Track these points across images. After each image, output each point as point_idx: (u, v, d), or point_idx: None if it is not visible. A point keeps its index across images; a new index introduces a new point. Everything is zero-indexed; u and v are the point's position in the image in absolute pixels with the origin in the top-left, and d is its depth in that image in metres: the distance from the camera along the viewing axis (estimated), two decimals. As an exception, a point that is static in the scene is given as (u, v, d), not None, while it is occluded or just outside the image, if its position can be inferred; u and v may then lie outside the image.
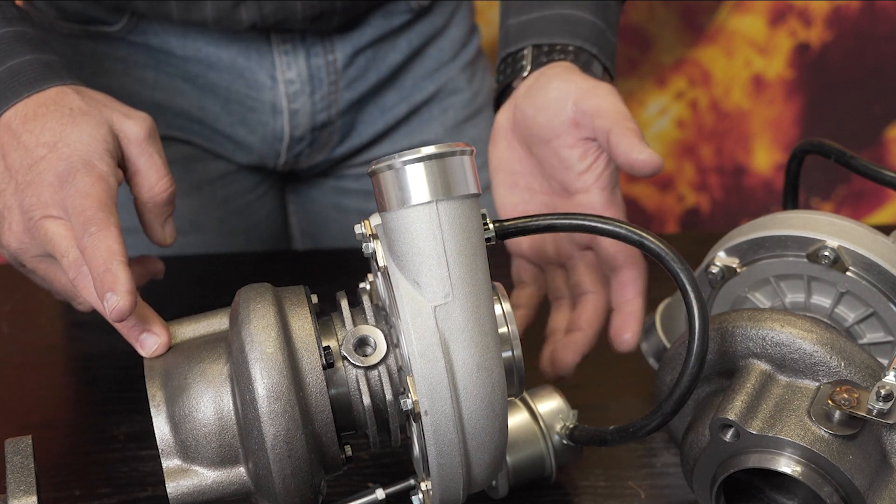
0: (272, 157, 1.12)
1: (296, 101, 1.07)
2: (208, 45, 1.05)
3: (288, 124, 1.08)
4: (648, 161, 0.77)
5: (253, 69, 1.06)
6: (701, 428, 0.70)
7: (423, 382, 0.60)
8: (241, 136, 1.10)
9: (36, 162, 0.74)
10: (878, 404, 0.64)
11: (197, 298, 1.00)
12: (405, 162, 0.61)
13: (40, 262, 0.76)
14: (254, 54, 1.05)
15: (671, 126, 1.83)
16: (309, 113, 1.09)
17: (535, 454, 0.75)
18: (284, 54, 1.05)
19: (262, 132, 1.09)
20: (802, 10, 1.76)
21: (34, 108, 0.76)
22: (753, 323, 0.69)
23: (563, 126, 0.81)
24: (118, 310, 0.67)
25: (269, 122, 1.08)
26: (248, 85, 1.07)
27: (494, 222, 0.66)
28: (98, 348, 0.95)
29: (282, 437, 0.61)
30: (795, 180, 0.87)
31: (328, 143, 1.13)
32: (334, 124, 1.11)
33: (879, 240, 0.73)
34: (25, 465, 0.62)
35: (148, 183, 0.78)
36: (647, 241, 0.65)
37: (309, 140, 1.11)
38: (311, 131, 1.10)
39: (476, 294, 0.61)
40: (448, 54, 1.16)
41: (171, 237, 0.80)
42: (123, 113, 0.78)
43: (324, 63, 1.07)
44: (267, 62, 1.05)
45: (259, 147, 1.11)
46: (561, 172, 0.83)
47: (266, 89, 1.07)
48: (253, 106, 1.08)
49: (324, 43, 1.06)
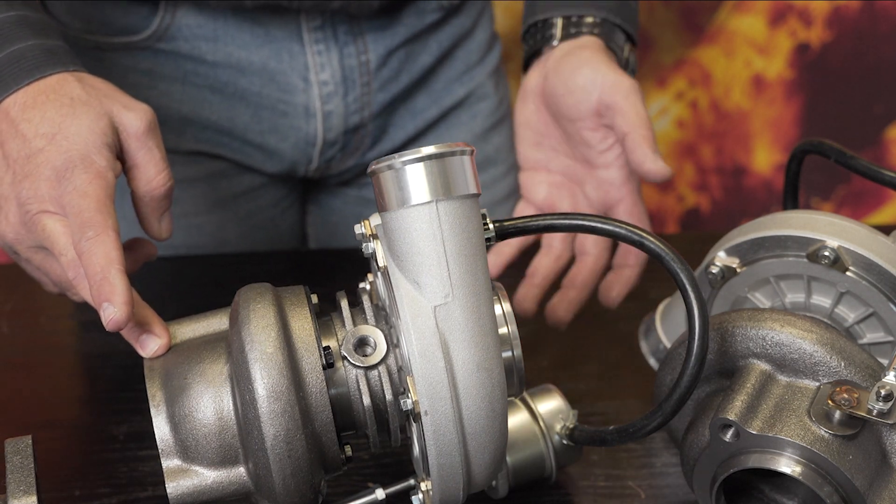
0: (304, 164, 1.12)
1: (329, 102, 1.07)
2: (240, 49, 1.04)
3: (321, 127, 1.08)
4: (658, 172, 0.86)
5: (285, 72, 1.05)
6: (701, 428, 0.70)
7: (423, 382, 0.60)
8: (273, 144, 1.10)
9: (34, 154, 0.73)
10: (878, 404, 0.64)
11: (197, 298, 1.00)
12: (405, 162, 0.60)
13: (35, 252, 0.76)
14: (286, 56, 1.05)
15: (671, 126, 1.83)
16: (342, 115, 1.08)
17: (535, 454, 0.75)
18: (318, 55, 1.05)
19: (294, 138, 1.09)
20: (802, 10, 1.76)
21: (34, 97, 0.75)
22: (753, 323, 0.69)
23: (588, 112, 0.89)
24: (115, 321, 0.66)
25: (301, 127, 1.08)
26: (280, 89, 1.06)
27: (494, 222, 0.66)
28: (98, 348, 0.95)
29: (282, 437, 0.61)
30: (795, 180, 0.87)
31: (360, 147, 1.13)
32: (367, 127, 1.11)
33: (879, 240, 0.73)
34: (25, 465, 0.62)
35: (146, 177, 0.77)
36: (647, 241, 0.65)
37: (341, 144, 1.11)
38: (344, 134, 1.10)
39: (476, 294, 0.61)
40: (475, 57, 1.17)
41: (168, 231, 0.79)
42: (124, 104, 0.77)
43: (357, 64, 1.07)
44: (300, 64, 1.05)
45: (291, 153, 1.10)
46: (583, 148, 0.91)
47: (299, 92, 1.06)
48: (285, 111, 1.07)
49: (356, 43, 1.06)
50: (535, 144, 0.95)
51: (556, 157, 0.94)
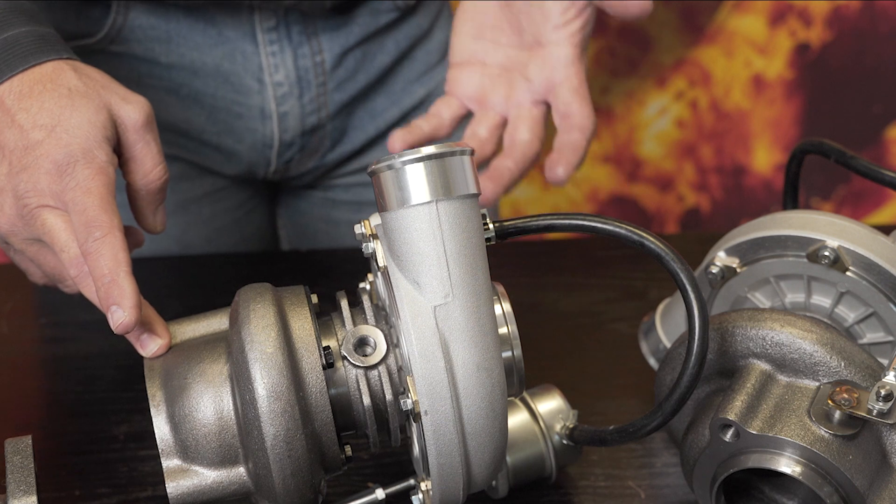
0: (262, 166, 1.11)
1: (284, 103, 1.06)
2: (193, 51, 1.03)
3: (277, 128, 1.07)
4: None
5: (239, 73, 1.04)
6: (701, 428, 0.70)
7: (423, 382, 0.60)
8: (229, 146, 1.09)
9: (32, 146, 0.72)
10: (878, 404, 0.64)
11: (197, 298, 1.00)
12: (405, 162, 0.60)
13: (30, 245, 0.75)
14: (239, 57, 1.04)
15: (671, 126, 1.83)
16: (298, 116, 1.08)
17: (535, 454, 0.75)
18: (272, 56, 1.04)
19: (250, 139, 1.08)
20: (802, 10, 1.76)
21: (30, 85, 0.74)
22: (753, 323, 0.69)
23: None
24: (124, 325, 0.66)
25: (257, 129, 1.07)
26: (234, 90, 1.05)
27: (494, 222, 0.66)
28: (98, 348, 0.95)
29: (282, 437, 0.61)
30: (795, 180, 0.87)
31: (319, 149, 1.12)
32: (325, 128, 1.10)
33: (879, 240, 0.73)
34: (25, 465, 0.62)
35: (143, 170, 0.76)
36: (647, 241, 0.65)
37: (300, 145, 1.10)
38: (302, 135, 1.09)
39: (476, 294, 0.61)
40: (435, 57, 1.16)
41: (162, 224, 0.79)
42: (122, 96, 0.76)
43: (311, 64, 1.06)
44: (254, 65, 1.04)
45: (248, 155, 1.09)
46: (538, 23, 0.90)
47: (254, 93, 1.05)
48: (240, 112, 1.06)
49: (311, 43, 1.05)
50: (475, 37, 0.93)
51: (495, 49, 0.93)
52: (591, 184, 1.85)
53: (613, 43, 1.78)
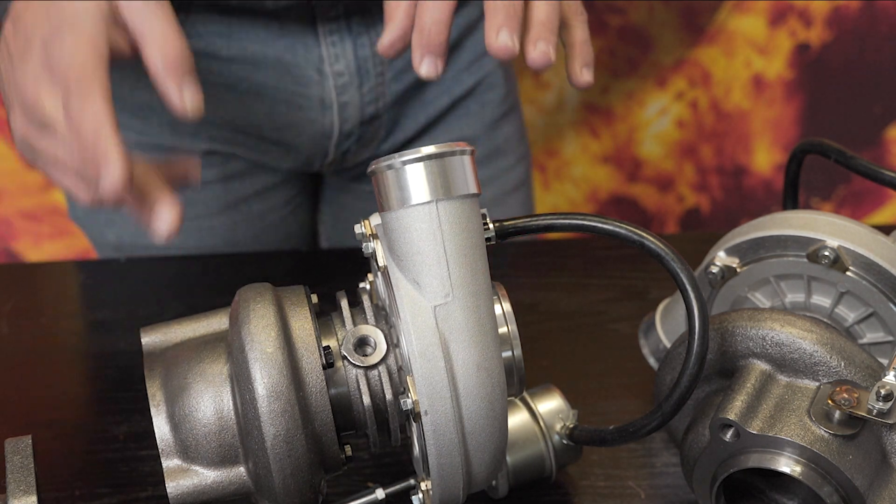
0: (320, 157, 1.12)
1: (344, 94, 1.07)
2: (254, 44, 1.04)
3: (337, 118, 1.08)
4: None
5: (300, 64, 1.05)
6: (701, 428, 0.70)
7: (423, 382, 0.60)
8: (289, 139, 1.10)
9: (29, 37, 0.71)
10: (878, 404, 0.64)
11: (197, 298, 1.00)
12: (405, 162, 0.61)
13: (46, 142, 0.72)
14: (300, 48, 1.05)
15: (671, 126, 1.83)
16: (358, 106, 1.08)
17: (535, 454, 0.75)
18: (332, 46, 1.05)
19: (310, 131, 1.09)
20: (802, 10, 1.76)
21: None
22: (753, 323, 0.69)
23: None
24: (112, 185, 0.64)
25: (317, 119, 1.08)
26: (295, 81, 1.06)
27: (494, 222, 0.66)
28: (98, 348, 0.95)
29: (282, 437, 0.61)
30: (795, 180, 0.87)
31: (375, 139, 1.13)
32: (382, 118, 1.11)
33: (879, 240, 0.73)
34: (25, 465, 0.62)
35: (156, 42, 0.72)
36: (647, 241, 0.65)
37: (357, 135, 1.11)
38: (360, 125, 1.10)
39: (476, 294, 0.61)
40: (482, 46, 1.16)
41: (193, 104, 0.73)
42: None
43: (371, 54, 1.07)
44: (314, 56, 1.05)
45: (307, 147, 1.10)
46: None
47: (314, 84, 1.06)
48: (301, 104, 1.07)
49: (370, 33, 1.06)
50: None
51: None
52: (591, 184, 1.85)
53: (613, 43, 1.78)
